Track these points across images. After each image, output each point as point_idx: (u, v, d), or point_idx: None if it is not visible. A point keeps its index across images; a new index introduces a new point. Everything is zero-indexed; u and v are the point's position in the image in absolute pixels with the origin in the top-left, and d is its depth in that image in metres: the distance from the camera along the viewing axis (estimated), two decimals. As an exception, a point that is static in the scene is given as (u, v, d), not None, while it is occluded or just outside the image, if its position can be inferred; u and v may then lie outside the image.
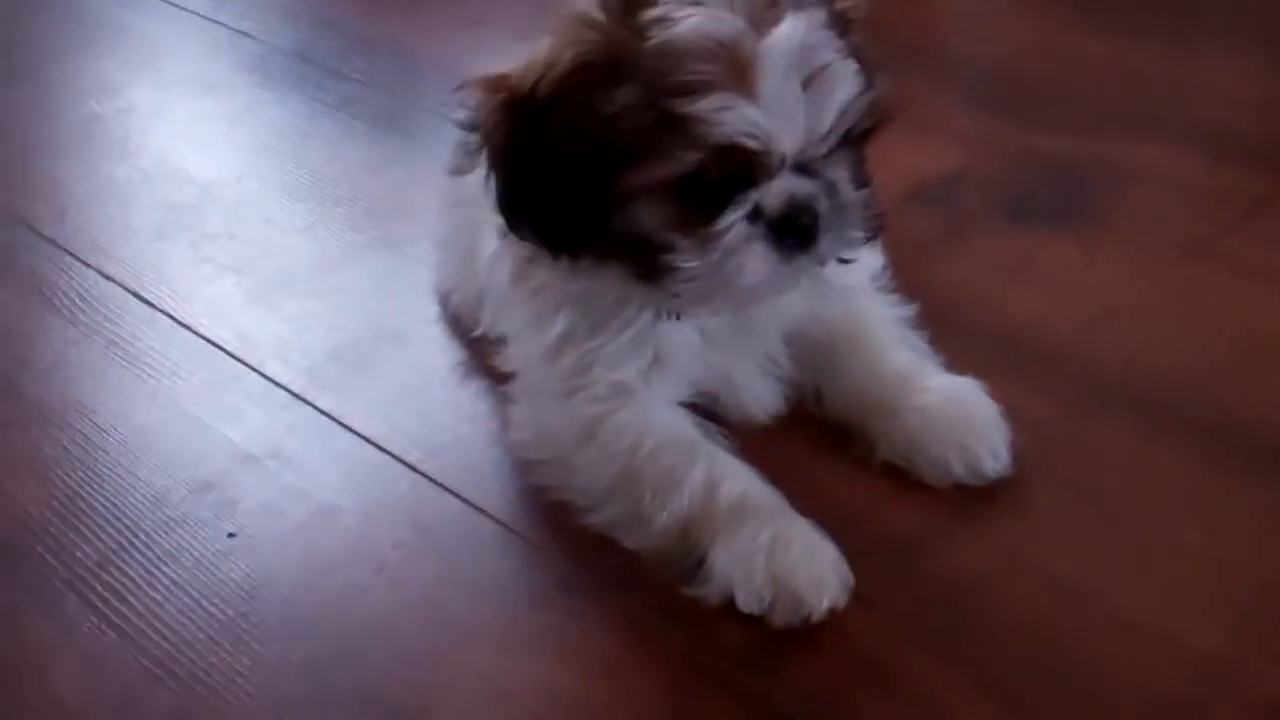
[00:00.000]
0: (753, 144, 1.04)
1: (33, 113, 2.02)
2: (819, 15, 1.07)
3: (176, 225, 1.71)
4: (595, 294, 1.18)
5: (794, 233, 1.08)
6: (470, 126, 1.16)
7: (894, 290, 1.34)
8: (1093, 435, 1.28)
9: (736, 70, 1.02)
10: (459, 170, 1.40)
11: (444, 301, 1.50)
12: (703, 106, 1.02)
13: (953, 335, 1.33)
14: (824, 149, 1.08)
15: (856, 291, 1.31)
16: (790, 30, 1.03)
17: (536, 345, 1.22)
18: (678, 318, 1.19)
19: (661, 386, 1.22)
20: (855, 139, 1.10)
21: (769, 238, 1.07)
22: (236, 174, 1.82)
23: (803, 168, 1.07)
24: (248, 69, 2.10)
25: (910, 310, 1.32)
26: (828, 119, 1.06)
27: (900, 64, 1.15)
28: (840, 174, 1.11)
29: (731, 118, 1.02)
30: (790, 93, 1.04)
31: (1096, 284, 1.48)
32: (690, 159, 1.04)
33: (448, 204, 1.46)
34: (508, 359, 1.30)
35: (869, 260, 1.31)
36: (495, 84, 1.13)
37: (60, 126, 1.97)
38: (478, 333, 1.39)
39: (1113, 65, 1.89)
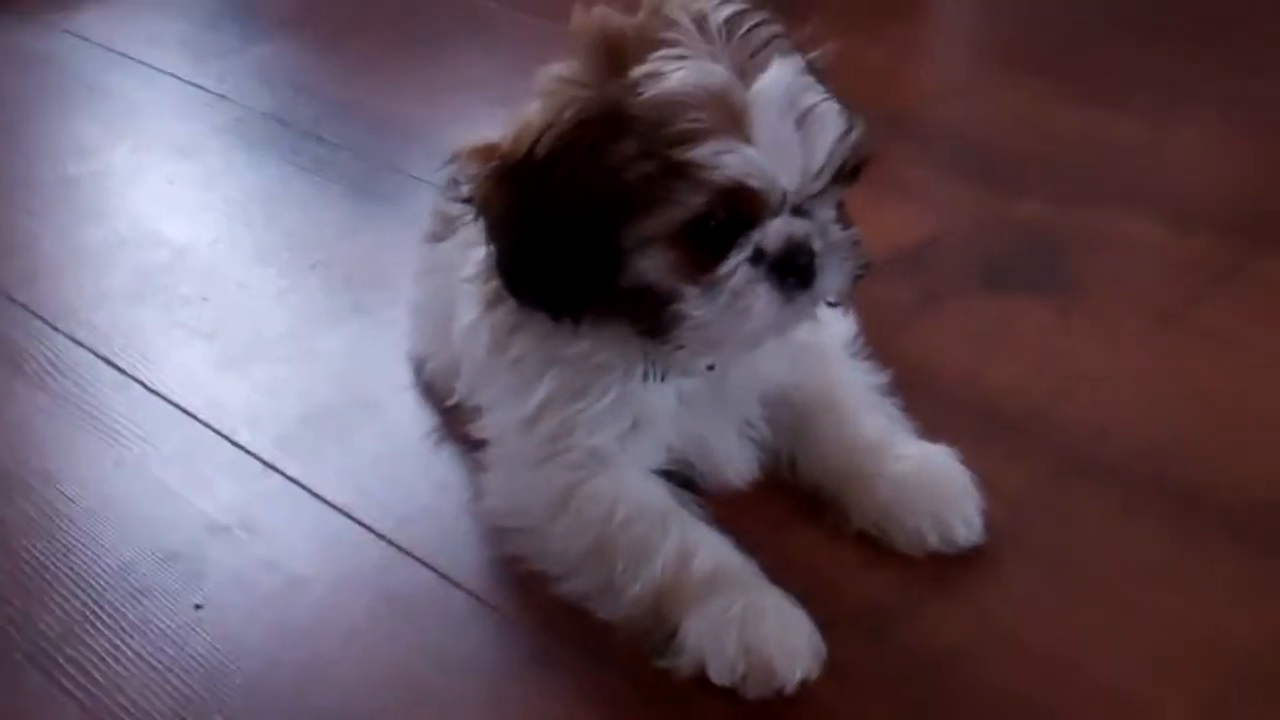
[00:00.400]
0: (755, 183, 1.05)
1: (6, 174, 2.01)
2: (798, 61, 1.10)
3: (150, 289, 1.70)
4: (580, 358, 1.18)
5: (794, 272, 1.09)
6: (464, 199, 1.16)
7: (868, 357, 1.34)
8: (1067, 503, 1.28)
9: (731, 116, 1.04)
10: (434, 237, 1.41)
11: (418, 368, 1.49)
12: (703, 152, 1.03)
13: (926, 402, 1.33)
14: (818, 186, 1.10)
15: (831, 358, 1.31)
16: (779, 74, 1.06)
17: (515, 414, 1.22)
18: (662, 379, 1.19)
19: (638, 452, 1.22)
20: (844, 176, 1.12)
21: (771, 278, 1.09)
22: (211, 237, 1.81)
23: (796, 209, 1.09)
24: (224, 132, 2.10)
25: (884, 377, 1.32)
26: (820, 156, 1.08)
27: (877, 132, 1.15)
28: (828, 214, 1.13)
29: (732, 160, 1.04)
30: (785, 133, 1.06)
31: (1070, 352, 1.48)
32: (695, 203, 1.05)
33: (423, 270, 1.45)
34: (483, 428, 1.29)
35: (842, 326, 1.33)
36: (487, 153, 1.13)
37: (35, 188, 1.97)
38: (452, 401, 1.37)
39: (1088, 136, 1.90)
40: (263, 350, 1.57)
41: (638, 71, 1.06)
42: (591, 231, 1.08)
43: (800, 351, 1.25)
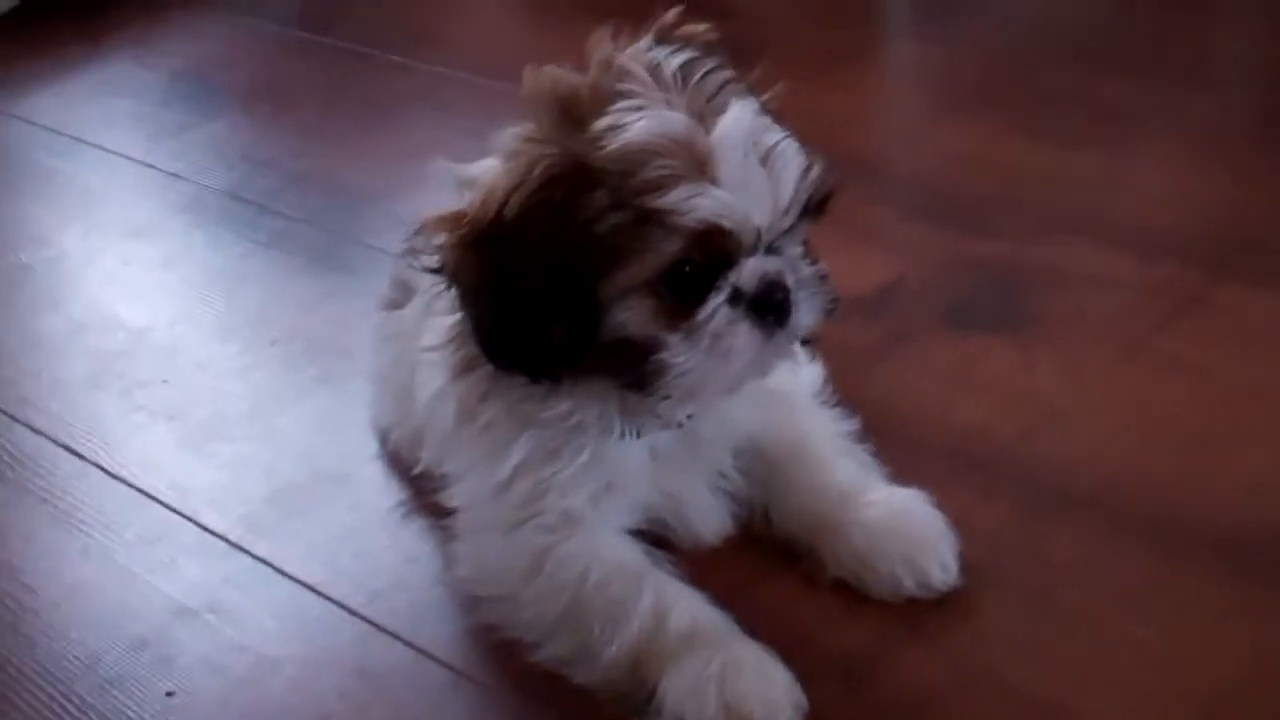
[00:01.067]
0: (728, 224, 1.06)
1: (-42, 265, 2.00)
2: (754, 102, 1.11)
3: (107, 374, 1.69)
4: (555, 420, 1.17)
5: (771, 309, 1.10)
6: (433, 269, 1.15)
7: (836, 402, 1.34)
8: (1041, 540, 1.27)
9: (696, 161, 1.05)
10: (392, 304, 1.41)
11: (382, 438, 1.48)
12: (674, 197, 1.04)
13: (896, 446, 1.32)
14: (787, 223, 1.11)
15: (800, 406, 1.31)
16: (739, 115, 1.07)
17: (487, 480, 1.21)
18: (637, 435, 1.19)
19: (611, 512, 1.21)
20: (811, 211, 1.13)
21: (750, 317, 1.09)
22: (169, 318, 1.80)
23: (767, 247, 1.10)
24: (180, 211, 2.09)
25: (853, 423, 1.32)
26: (787, 192, 1.09)
27: (836, 175, 1.16)
28: (796, 251, 1.14)
29: (704, 203, 1.04)
30: (752, 172, 1.07)
31: (1038, 388, 1.48)
32: (671, 249, 1.06)
33: (381, 338, 1.44)
34: (453, 496, 1.27)
35: (810, 373, 1.33)
36: (454, 221, 1.12)
37: (-12, 278, 1.96)
38: (418, 470, 1.36)
39: (1045, 172, 1.91)
40: (225, 429, 1.56)
41: (599, 125, 1.06)
42: (569, 288, 1.07)
43: (770, 398, 1.25)
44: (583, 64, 1.13)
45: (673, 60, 1.10)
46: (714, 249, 1.07)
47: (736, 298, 1.09)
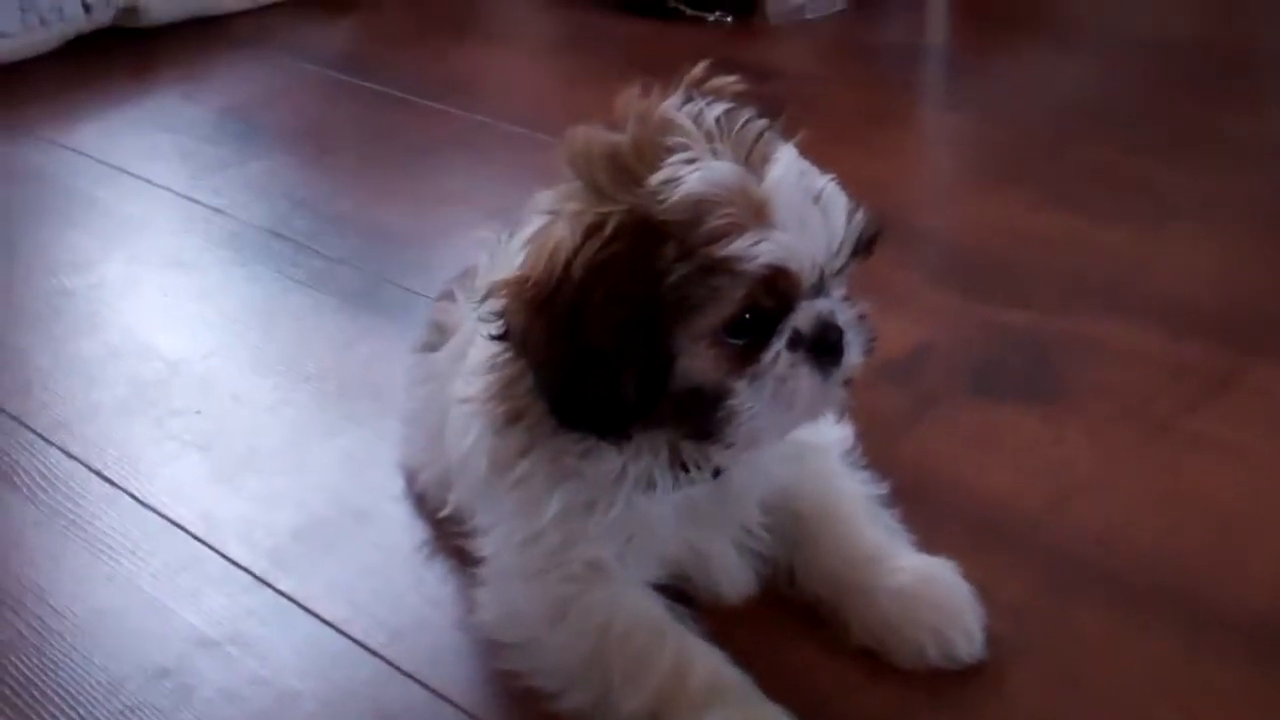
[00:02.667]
0: (793, 265, 1.08)
1: (0, 286, 2.02)
2: (794, 148, 1.13)
3: (142, 402, 1.70)
4: (595, 475, 1.18)
5: (827, 350, 1.12)
6: (500, 336, 1.15)
7: (864, 466, 1.34)
8: (1067, 615, 1.27)
9: (754, 207, 1.07)
10: (428, 347, 1.42)
11: (410, 479, 1.48)
12: (740, 245, 1.06)
13: (923, 512, 1.32)
14: (839, 263, 1.13)
15: (830, 466, 1.31)
16: (789, 159, 1.10)
17: (518, 532, 1.21)
18: (673, 489, 1.19)
19: (637, 565, 1.21)
20: (860, 251, 1.15)
21: (809, 359, 1.11)
22: (205, 350, 1.81)
23: (818, 290, 1.12)
24: (220, 245, 2.11)
25: (881, 488, 1.32)
26: (840, 231, 1.12)
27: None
28: (840, 292, 1.15)
29: (768, 248, 1.06)
30: (808, 214, 1.09)
31: (1065, 460, 1.48)
32: (739, 295, 1.07)
33: (415, 380, 1.45)
34: (482, 545, 1.27)
35: (840, 434, 1.33)
36: (517, 285, 1.12)
37: (28, 300, 1.97)
38: (445, 512, 1.36)
39: (1076, 244, 1.92)
40: (256, 463, 1.57)
41: (655, 179, 1.08)
42: (639, 344, 1.08)
43: (801, 451, 1.26)
44: (612, 121, 1.14)
45: (712, 111, 1.12)
46: (778, 292, 1.09)
47: (796, 341, 1.10)
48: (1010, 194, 2.08)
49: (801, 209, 1.09)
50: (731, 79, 1.18)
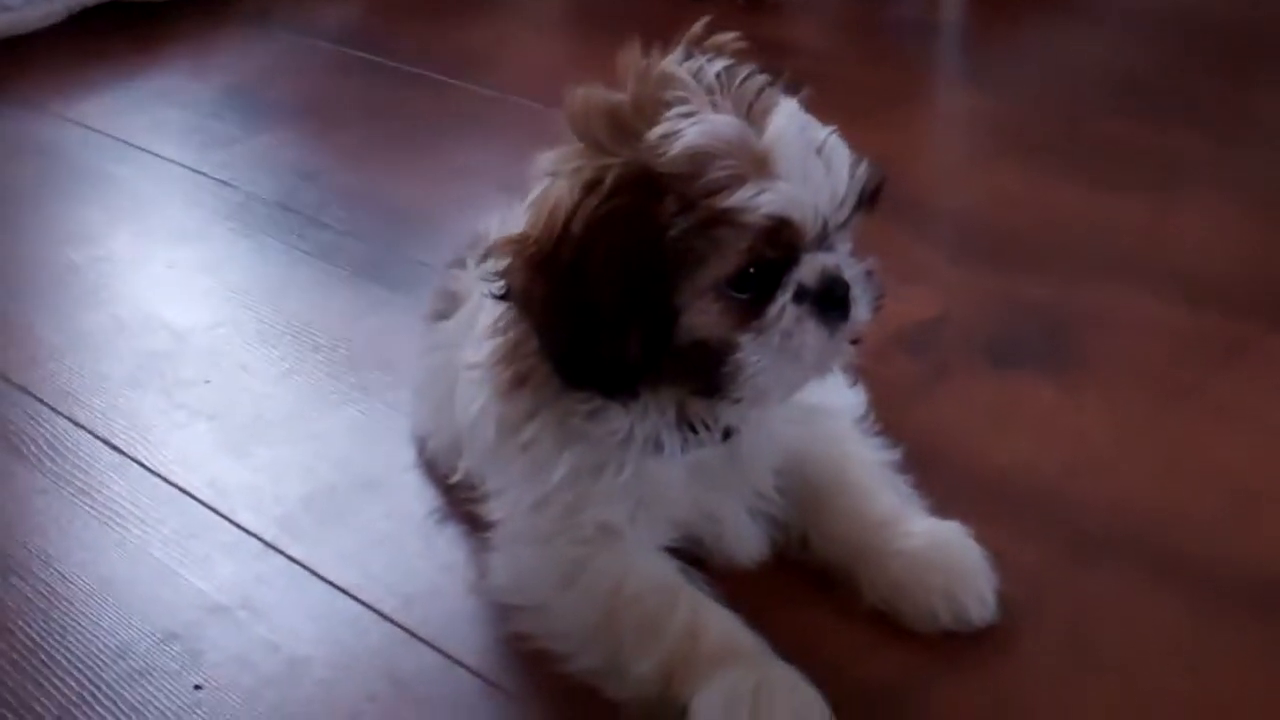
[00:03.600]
0: (795, 216, 1.07)
1: (7, 260, 2.01)
2: (795, 101, 1.12)
3: (150, 373, 1.69)
4: (602, 436, 1.17)
5: (834, 304, 1.11)
6: (502, 295, 1.15)
7: (877, 433, 1.33)
8: (1080, 581, 1.26)
9: (756, 159, 1.07)
10: (437, 315, 1.41)
11: (420, 446, 1.48)
12: (741, 196, 1.05)
13: (936, 479, 1.32)
14: (844, 215, 1.12)
15: (842, 432, 1.31)
16: (790, 111, 1.09)
17: (528, 495, 1.20)
18: (682, 451, 1.18)
19: (648, 528, 1.20)
20: (865, 203, 1.14)
21: (815, 313, 1.10)
22: (212, 321, 1.80)
23: (822, 244, 1.11)
24: (227, 218, 2.10)
25: (894, 454, 1.31)
26: (844, 183, 1.11)
27: (881, 214, 1.16)
28: (846, 248, 1.14)
29: (770, 198, 1.06)
30: (810, 165, 1.09)
31: (1080, 429, 1.47)
32: (742, 247, 1.06)
33: (425, 349, 1.44)
34: (492, 510, 1.27)
35: (853, 400, 1.32)
36: (518, 244, 1.12)
37: (36, 274, 1.96)
38: (455, 479, 1.36)
39: (1093, 215, 1.91)
40: (265, 432, 1.56)
41: (654, 133, 1.07)
42: (642, 298, 1.08)
43: (812, 415, 1.25)
44: (613, 80, 1.13)
45: (713, 66, 1.12)
46: (781, 244, 1.08)
47: (801, 295, 1.10)
48: (1026, 168, 2.07)
49: (803, 160, 1.08)
50: (731, 35, 1.17)
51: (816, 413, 1.26)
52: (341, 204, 2.10)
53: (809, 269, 1.10)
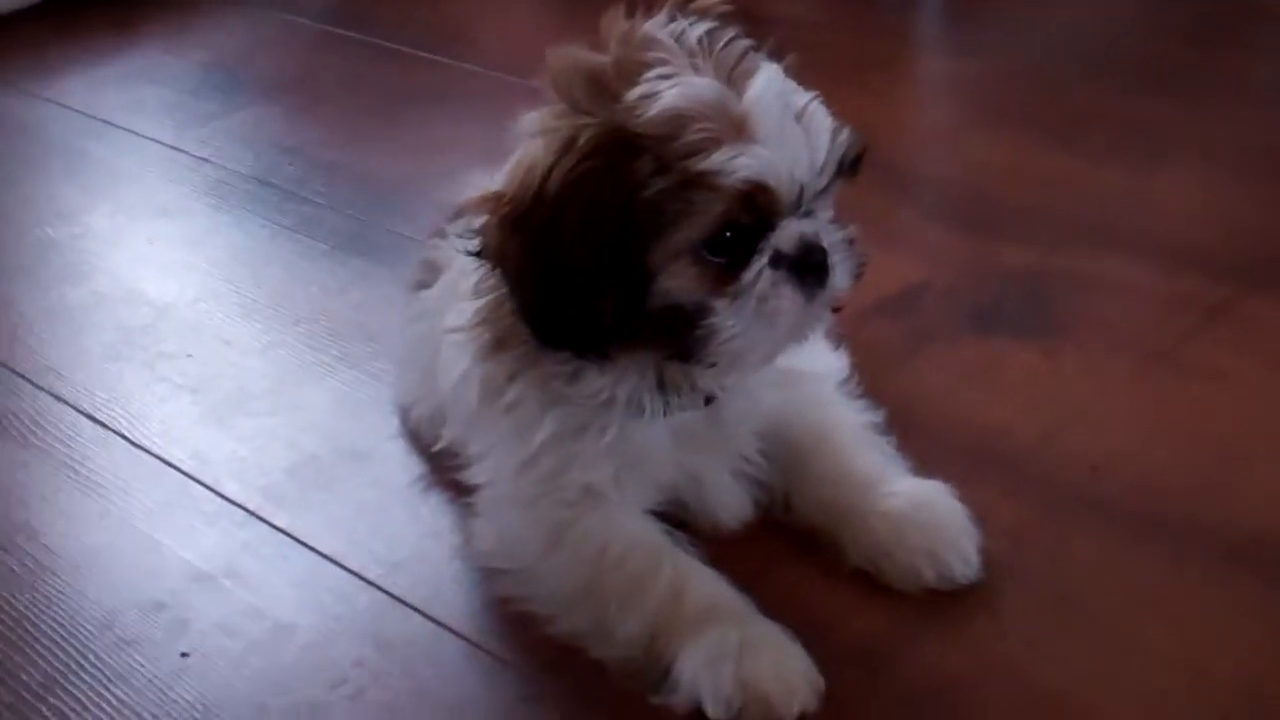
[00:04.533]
0: (771, 181, 1.07)
1: (-14, 237, 2.01)
2: (777, 66, 1.12)
3: (131, 347, 1.69)
4: (584, 398, 1.17)
5: (811, 270, 1.10)
6: (475, 253, 1.15)
7: (860, 397, 1.33)
8: (1061, 539, 1.27)
9: (734, 122, 1.06)
10: (420, 284, 1.41)
11: (404, 416, 1.48)
12: (718, 159, 1.05)
13: (919, 441, 1.32)
14: (822, 182, 1.11)
15: (825, 393, 1.31)
16: (771, 76, 1.09)
17: (511, 458, 1.21)
18: (664, 414, 1.19)
19: (632, 490, 1.21)
20: (844, 171, 1.13)
21: (792, 279, 1.10)
22: (193, 295, 1.80)
23: (801, 210, 1.10)
24: (207, 194, 2.09)
25: (877, 416, 1.32)
26: (823, 149, 1.10)
27: (864, 180, 1.16)
28: (827, 214, 1.14)
29: (747, 162, 1.05)
30: (789, 130, 1.08)
31: (1061, 391, 1.48)
32: (717, 210, 1.06)
33: (407, 318, 1.44)
34: (476, 474, 1.27)
35: (835, 363, 1.33)
36: (493, 203, 1.12)
37: (13, 251, 1.96)
38: (438, 447, 1.36)
39: (1074, 182, 1.91)
40: (247, 404, 1.56)
41: (632, 94, 1.07)
42: (616, 259, 1.07)
43: (795, 379, 1.25)
44: (596, 42, 1.13)
45: (695, 29, 1.11)
46: (757, 209, 1.07)
47: (778, 260, 1.09)
48: (1007, 135, 2.07)
49: (782, 125, 1.07)
50: (716, 0, 1.17)
51: (799, 376, 1.26)
52: (321, 178, 2.10)
53: (786, 235, 1.09)
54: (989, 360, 1.54)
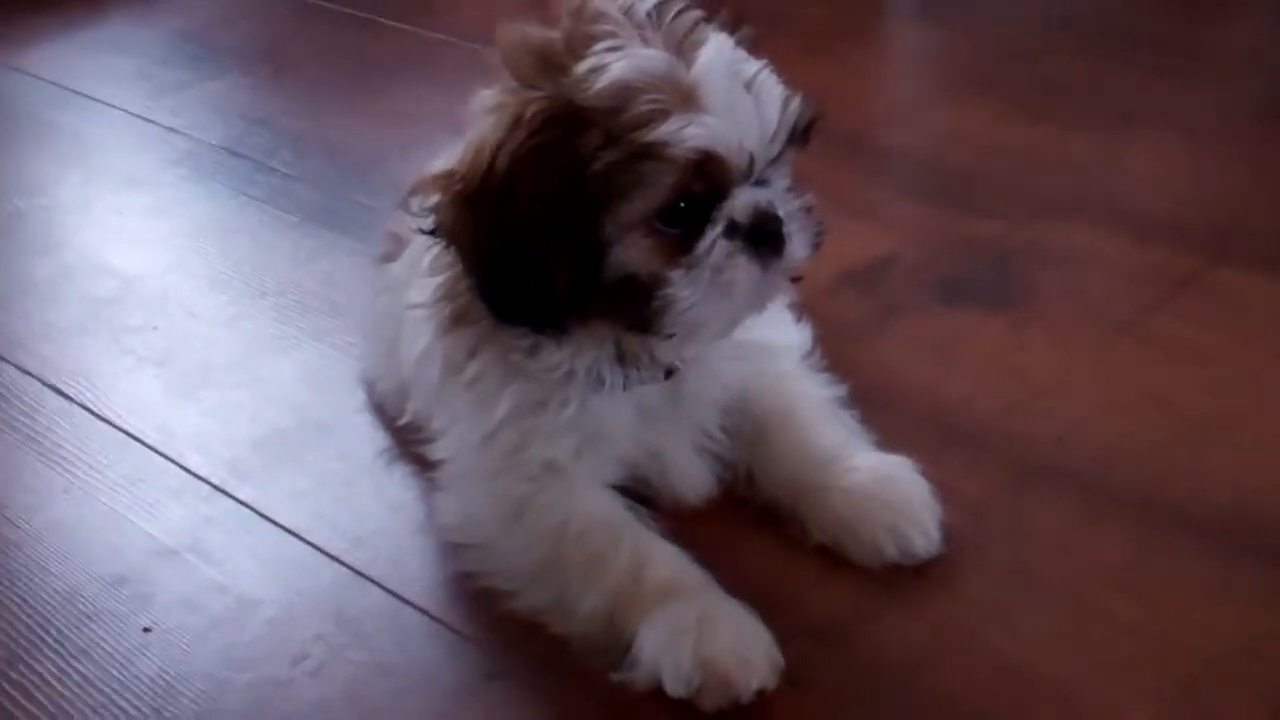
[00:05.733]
0: (721, 150, 1.06)
1: (-48, 210, 1.99)
2: (727, 37, 1.12)
3: (97, 319, 1.68)
4: (543, 372, 1.17)
5: (766, 239, 1.10)
6: (431, 231, 1.15)
7: (824, 370, 1.33)
8: (1025, 512, 1.27)
9: (683, 93, 1.06)
10: (385, 258, 1.40)
11: (370, 389, 1.48)
12: (666, 129, 1.05)
13: (883, 415, 1.32)
14: (775, 150, 1.11)
15: (787, 368, 1.31)
16: (718, 47, 1.09)
17: (473, 432, 1.21)
18: (624, 388, 1.19)
19: (594, 465, 1.21)
20: (797, 138, 1.13)
21: (747, 249, 1.09)
22: (160, 267, 1.79)
23: (756, 179, 1.10)
24: (176, 165, 2.08)
25: (841, 390, 1.32)
26: (774, 118, 1.10)
27: (832, 152, 1.16)
28: (783, 183, 1.14)
29: (695, 131, 1.05)
30: (738, 99, 1.08)
31: (1027, 364, 1.48)
32: (668, 181, 1.06)
33: (372, 292, 1.44)
34: (438, 449, 1.27)
35: (798, 335, 1.32)
36: (445, 180, 1.12)
37: (-18, 223, 1.95)
38: (403, 420, 1.36)
39: (1042, 155, 1.91)
40: (213, 376, 1.56)
41: (581, 68, 1.07)
42: (568, 233, 1.07)
43: (757, 353, 1.26)
44: (547, 17, 1.13)
45: (644, 3, 1.11)
46: (709, 178, 1.07)
47: (732, 230, 1.09)
48: (978, 106, 2.07)
49: (731, 94, 1.07)
50: None
51: (761, 349, 1.26)
52: (290, 149, 2.09)
53: (740, 204, 1.09)
54: (955, 333, 1.54)
